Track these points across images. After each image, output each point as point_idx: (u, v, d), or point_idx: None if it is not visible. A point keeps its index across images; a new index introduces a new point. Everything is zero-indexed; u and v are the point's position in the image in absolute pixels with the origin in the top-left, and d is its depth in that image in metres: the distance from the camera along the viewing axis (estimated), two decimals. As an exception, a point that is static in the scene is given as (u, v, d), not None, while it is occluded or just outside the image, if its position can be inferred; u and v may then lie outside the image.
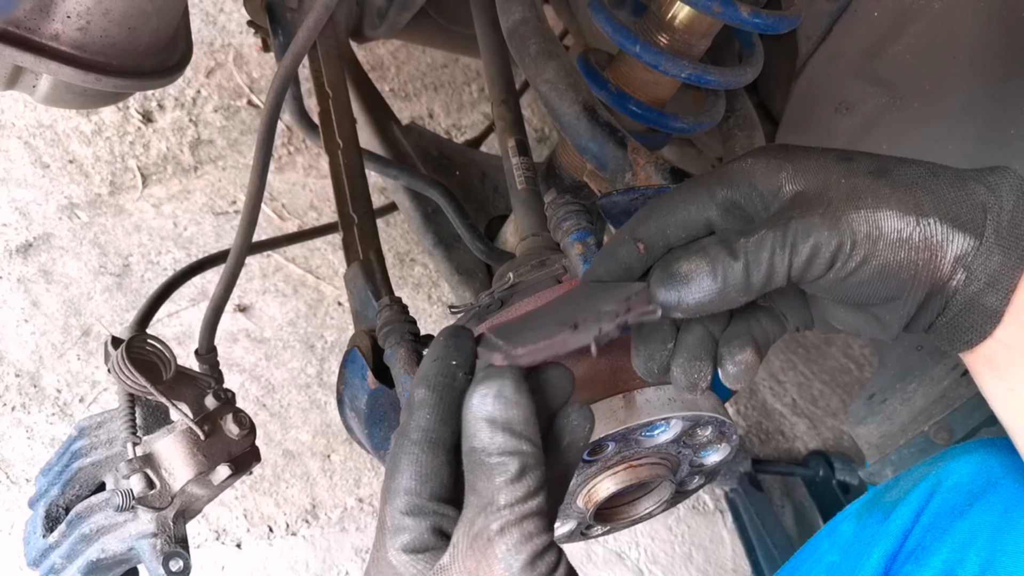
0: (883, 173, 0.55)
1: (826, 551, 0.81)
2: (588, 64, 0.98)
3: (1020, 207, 0.54)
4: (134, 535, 0.82)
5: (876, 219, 0.53)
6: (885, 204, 0.54)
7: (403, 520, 0.52)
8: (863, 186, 0.55)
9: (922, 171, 0.56)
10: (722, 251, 0.54)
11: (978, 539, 0.67)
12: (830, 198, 0.54)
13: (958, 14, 0.98)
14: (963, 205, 0.54)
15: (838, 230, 0.53)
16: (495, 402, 0.51)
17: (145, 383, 0.85)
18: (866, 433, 1.19)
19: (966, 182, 0.55)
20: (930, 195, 0.54)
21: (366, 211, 1.01)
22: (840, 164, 0.56)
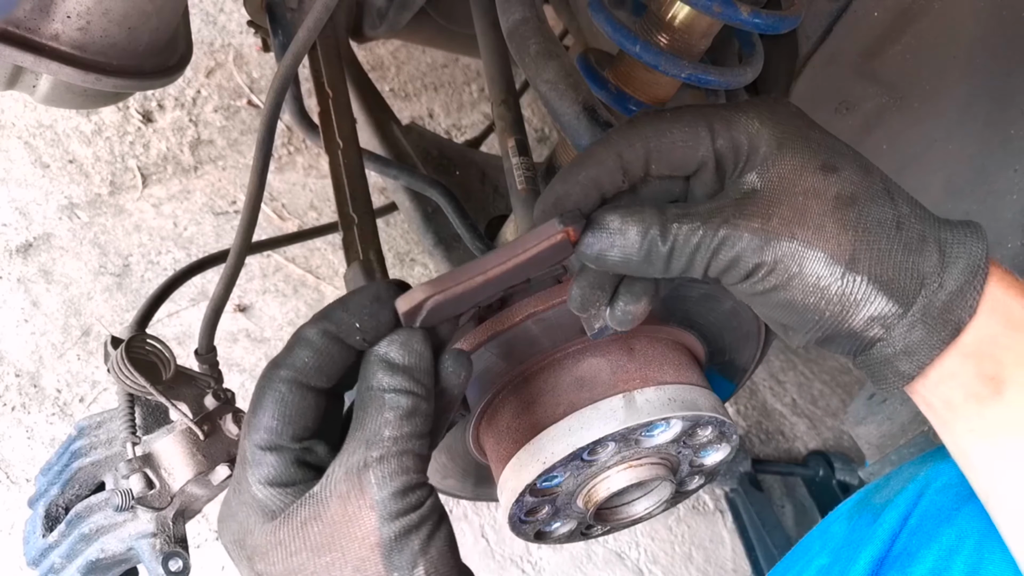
0: (848, 204, 0.53)
1: (817, 552, 0.81)
2: (588, 64, 0.98)
3: (964, 291, 0.52)
4: (133, 535, 0.82)
5: (802, 257, 0.53)
6: (821, 244, 0.53)
7: (263, 455, 0.53)
8: (814, 213, 0.53)
9: (889, 218, 0.54)
10: (656, 230, 0.54)
11: (965, 545, 0.66)
12: (774, 213, 0.53)
13: (958, 14, 0.98)
14: (904, 271, 0.53)
15: (761, 253, 0.53)
16: (400, 349, 0.54)
17: (145, 383, 0.85)
18: (866, 433, 1.19)
19: (924, 246, 0.53)
20: (875, 251, 0.53)
21: (366, 211, 1.00)
22: (816, 176, 0.54)
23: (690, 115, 0.57)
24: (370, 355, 0.55)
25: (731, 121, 0.56)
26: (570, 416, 0.78)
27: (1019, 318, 0.52)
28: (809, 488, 1.98)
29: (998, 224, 1.02)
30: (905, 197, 0.56)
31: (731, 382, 1.00)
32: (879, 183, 0.55)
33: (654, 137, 0.56)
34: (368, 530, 0.51)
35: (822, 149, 0.56)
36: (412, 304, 0.55)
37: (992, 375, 0.53)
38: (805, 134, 0.56)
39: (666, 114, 0.58)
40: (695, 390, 0.81)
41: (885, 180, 0.56)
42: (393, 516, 0.51)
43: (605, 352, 0.81)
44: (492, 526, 1.74)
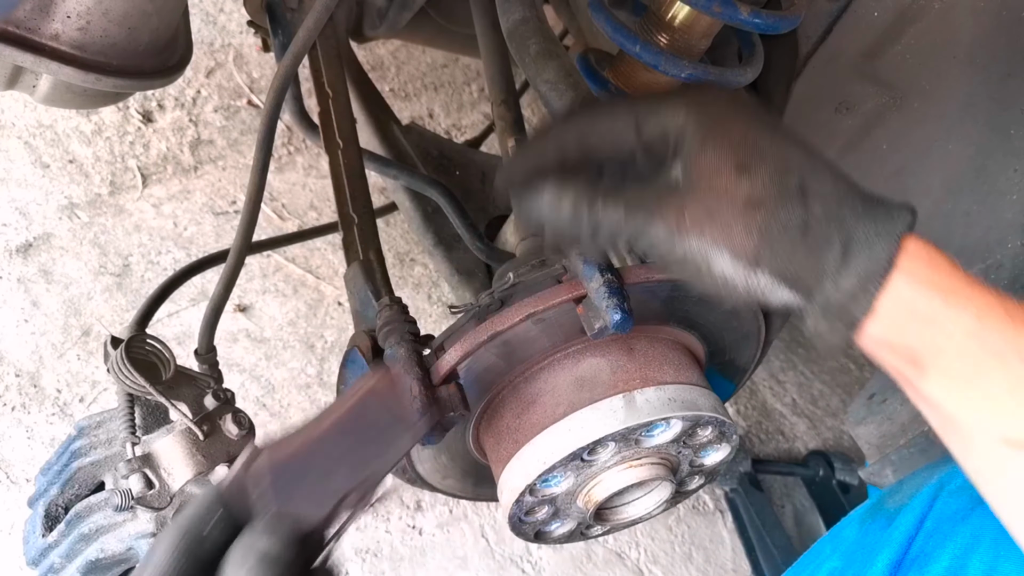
0: (755, 207, 0.56)
1: (828, 556, 0.81)
2: (588, 64, 0.98)
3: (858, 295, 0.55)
4: (133, 535, 0.82)
5: (708, 256, 0.56)
6: (727, 245, 0.56)
7: None
8: (722, 215, 0.56)
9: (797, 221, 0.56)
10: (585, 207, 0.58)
11: (981, 544, 0.66)
12: (687, 210, 0.57)
13: (958, 14, 0.98)
14: (805, 270, 0.56)
15: (672, 247, 0.57)
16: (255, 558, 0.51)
17: (144, 383, 0.85)
18: (866, 433, 1.19)
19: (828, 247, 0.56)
20: (778, 252, 0.56)
21: (366, 211, 1.00)
22: (729, 177, 0.57)
23: (620, 107, 0.61)
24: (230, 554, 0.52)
25: (657, 113, 0.60)
26: (570, 416, 0.78)
27: (927, 312, 0.55)
28: (809, 488, 1.98)
29: (998, 224, 1.02)
30: (823, 194, 0.57)
31: (731, 382, 1.00)
32: (794, 183, 0.57)
33: (587, 129, 0.61)
34: None
35: (741, 147, 0.58)
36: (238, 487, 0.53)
37: (910, 359, 0.57)
38: (727, 129, 0.58)
39: (600, 105, 0.62)
40: (695, 390, 0.81)
41: (804, 177, 0.57)
42: None
43: (605, 352, 0.81)
44: (492, 526, 1.74)
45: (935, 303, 0.55)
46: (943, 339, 0.55)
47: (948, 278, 0.56)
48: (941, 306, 0.55)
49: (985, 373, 0.54)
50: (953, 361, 0.55)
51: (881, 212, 0.57)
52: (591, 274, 0.73)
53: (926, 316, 0.55)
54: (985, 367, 0.54)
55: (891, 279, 0.55)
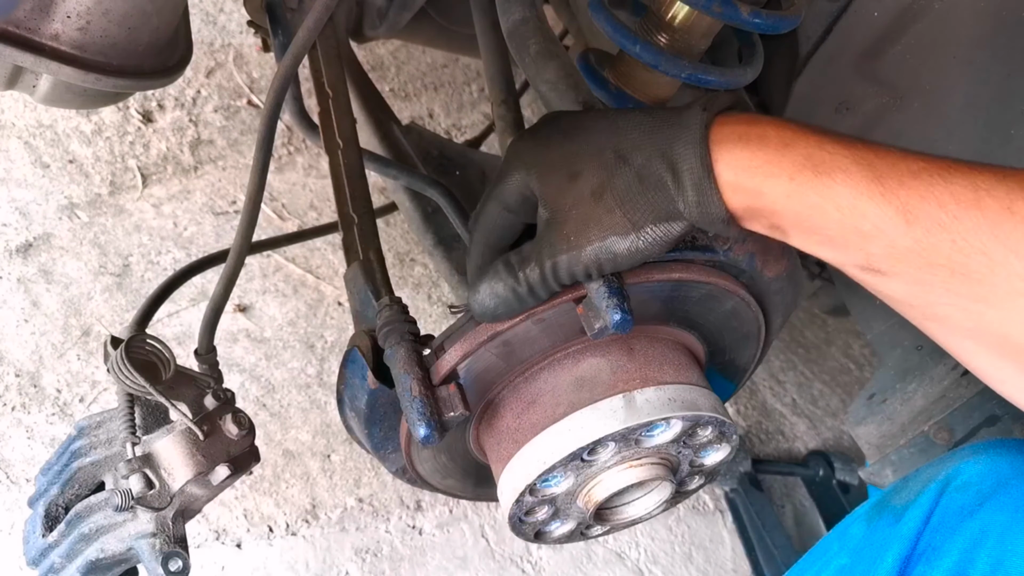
0: (601, 192, 0.68)
1: (836, 554, 0.81)
2: (588, 64, 0.98)
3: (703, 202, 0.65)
4: (133, 535, 0.82)
5: (605, 248, 0.68)
6: (610, 230, 0.67)
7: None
8: (587, 215, 0.68)
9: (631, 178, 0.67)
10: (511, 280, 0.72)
11: (988, 539, 0.67)
12: (569, 231, 0.69)
13: (958, 14, 0.98)
14: (663, 205, 0.67)
15: (581, 261, 0.69)
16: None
17: (144, 383, 0.85)
18: (866, 433, 1.19)
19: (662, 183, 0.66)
20: (639, 208, 0.67)
21: (366, 211, 1.00)
22: (570, 188, 0.69)
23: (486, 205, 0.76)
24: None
25: (508, 186, 0.74)
26: (570, 416, 0.78)
27: (753, 187, 0.64)
28: (809, 488, 1.98)
29: (998, 224, 1.02)
30: (635, 147, 0.68)
31: (731, 382, 1.00)
32: (611, 155, 0.68)
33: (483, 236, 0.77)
34: None
35: (563, 162, 0.71)
36: None
37: (773, 226, 0.66)
38: (546, 158, 0.72)
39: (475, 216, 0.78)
40: (695, 390, 0.81)
41: (616, 146, 0.69)
42: None
43: (605, 352, 0.81)
44: (492, 526, 1.74)
45: (756, 178, 0.64)
46: (775, 204, 0.64)
47: (762, 151, 0.64)
48: (762, 179, 0.64)
49: (816, 224, 0.63)
50: (792, 220, 0.64)
51: (683, 122, 0.66)
52: (591, 274, 0.73)
53: (755, 191, 0.64)
54: (813, 219, 0.63)
55: (719, 172, 0.65)
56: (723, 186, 0.65)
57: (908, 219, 0.59)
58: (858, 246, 0.62)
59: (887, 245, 0.60)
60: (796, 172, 0.62)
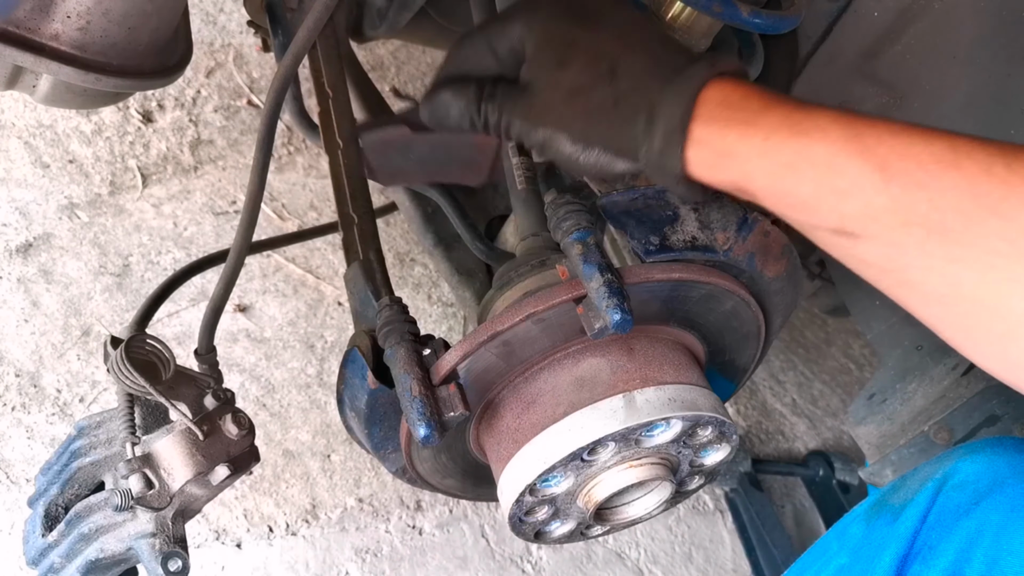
0: (576, 94, 0.69)
1: (835, 553, 0.81)
2: (588, 64, 0.98)
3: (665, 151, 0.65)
4: (133, 535, 0.82)
5: (554, 139, 0.70)
6: (564, 129, 0.69)
7: None
8: (555, 103, 0.70)
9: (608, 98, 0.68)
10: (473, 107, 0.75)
11: (984, 538, 0.67)
12: (535, 105, 0.71)
13: (958, 14, 0.98)
14: (624, 139, 0.67)
15: (531, 136, 0.72)
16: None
17: (144, 383, 0.85)
18: (866, 433, 1.19)
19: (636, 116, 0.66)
20: (599, 128, 0.68)
21: (366, 211, 1.00)
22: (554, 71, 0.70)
23: (477, 36, 0.77)
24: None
25: (504, 33, 0.74)
26: (570, 416, 0.78)
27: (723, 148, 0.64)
28: (809, 488, 1.98)
29: (998, 224, 1.02)
30: (632, 72, 0.68)
31: (731, 382, 1.00)
32: (605, 67, 0.69)
33: (458, 61, 0.78)
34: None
35: (560, 46, 0.71)
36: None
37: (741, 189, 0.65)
38: (553, 34, 0.72)
39: (463, 39, 0.78)
40: (695, 390, 0.81)
41: (614, 60, 0.69)
42: None
43: (605, 352, 0.81)
44: (492, 526, 1.74)
45: (730, 137, 0.63)
46: (746, 164, 0.63)
47: (742, 112, 0.64)
48: (736, 139, 0.63)
49: (789, 184, 0.62)
50: (763, 181, 0.63)
51: (687, 72, 0.66)
52: (591, 274, 0.73)
53: (725, 150, 0.64)
54: (787, 179, 0.62)
55: (692, 129, 0.64)
56: (691, 141, 0.65)
57: (885, 176, 0.58)
58: (832, 206, 0.60)
59: (863, 204, 0.59)
60: (771, 132, 0.62)
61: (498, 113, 0.73)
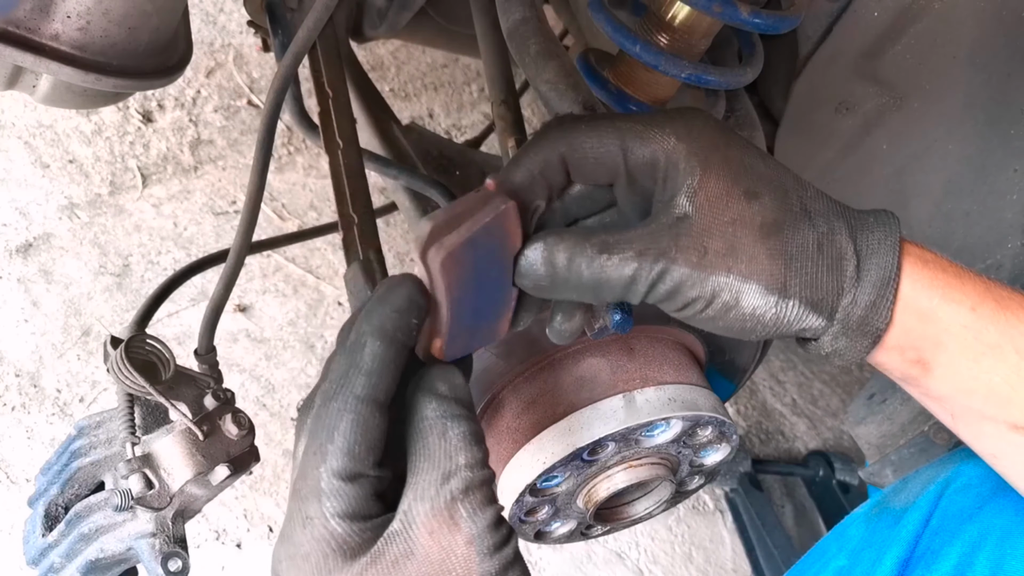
0: (774, 232, 0.55)
1: (834, 555, 0.81)
2: (588, 64, 0.98)
3: (877, 304, 0.56)
4: (133, 535, 0.82)
5: (739, 290, 0.55)
6: (755, 276, 0.54)
7: (342, 486, 0.48)
8: (744, 245, 0.55)
9: (811, 241, 0.56)
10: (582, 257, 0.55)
11: (987, 542, 0.66)
12: (708, 246, 0.54)
13: (958, 14, 0.98)
14: (827, 289, 0.56)
15: (699, 287, 0.55)
16: (444, 382, 0.53)
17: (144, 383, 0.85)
18: (866, 433, 1.19)
19: (842, 263, 0.56)
20: (803, 276, 0.55)
21: (366, 211, 1.00)
22: (741, 203, 0.55)
23: (604, 127, 0.57)
24: (413, 391, 0.53)
25: (645, 137, 0.56)
26: (570, 416, 0.78)
27: (927, 309, 0.56)
28: (809, 488, 1.98)
29: (998, 224, 1.02)
30: (822, 211, 0.57)
31: (731, 382, 1.00)
32: (797, 204, 0.57)
33: (568, 150, 0.57)
34: (468, 568, 0.49)
35: (743, 172, 0.57)
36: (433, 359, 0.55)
37: (916, 360, 0.57)
38: (725, 154, 0.57)
39: (581, 124, 0.58)
40: (695, 390, 0.81)
41: (802, 198, 0.57)
42: (491, 551, 0.49)
43: (605, 352, 0.81)
44: (492, 526, 1.74)
45: (934, 300, 0.56)
46: (944, 335, 0.56)
47: (942, 273, 0.56)
48: (940, 302, 0.55)
49: (984, 366, 0.55)
50: (955, 356, 0.56)
51: (872, 220, 0.57)
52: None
53: (928, 314, 0.56)
54: (984, 360, 0.55)
55: (900, 284, 0.56)
56: (898, 299, 0.56)
57: None
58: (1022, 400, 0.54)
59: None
60: (978, 302, 0.55)
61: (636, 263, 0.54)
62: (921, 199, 1.09)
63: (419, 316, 0.53)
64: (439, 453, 0.50)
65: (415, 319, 0.52)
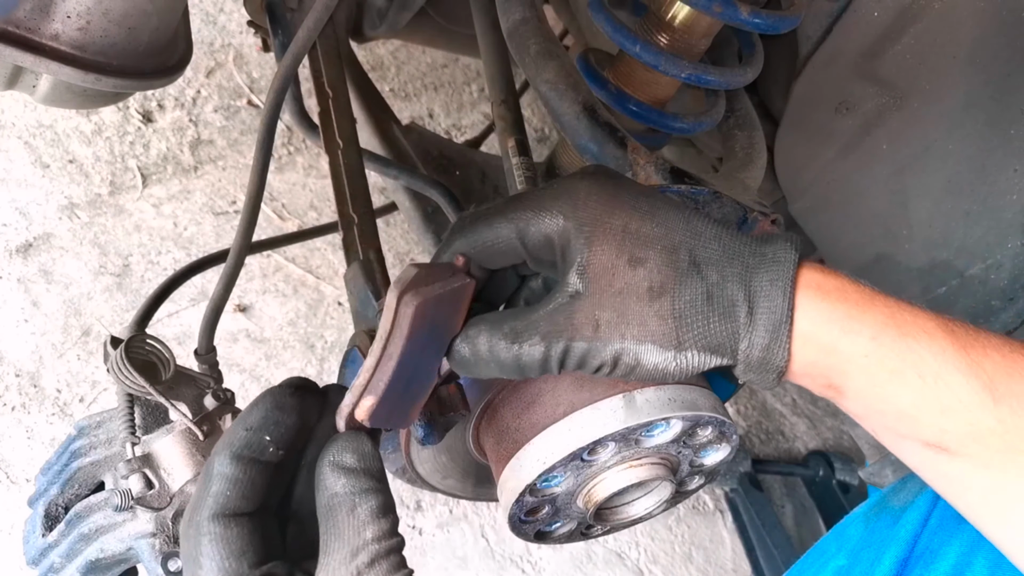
0: (660, 294, 0.58)
1: (833, 555, 0.81)
2: (588, 64, 0.98)
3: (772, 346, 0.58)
4: (133, 535, 0.82)
5: (636, 352, 0.58)
6: (649, 338, 0.58)
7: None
8: (633, 311, 0.58)
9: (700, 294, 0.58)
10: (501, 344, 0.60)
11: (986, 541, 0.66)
12: (600, 319, 0.58)
13: (958, 14, 0.98)
14: (723, 335, 0.58)
15: (600, 355, 0.58)
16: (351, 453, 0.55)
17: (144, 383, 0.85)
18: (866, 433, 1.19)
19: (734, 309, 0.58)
20: (694, 328, 0.58)
21: (366, 211, 1.00)
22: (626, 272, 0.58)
23: (497, 220, 0.62)
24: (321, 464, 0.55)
25: (535, 221, 0.60)
26: (570, 416, 0.78)
27: (827, 343, 0.58)
28: (809, 488, 1.98)
29: (998, 224, 1.02)
30: (713, 260, 0.59)
31: (731, 382, 1.00)
32: (685, 259, 0.59)
33: (471, 250, 0.63)
34: None
35: (627, 240, 0.59)
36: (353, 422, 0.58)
37: (827, 385, 0.60)
38: (606, 224, 0.60)
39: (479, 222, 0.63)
40: (695, 390, 0.81)
41: (692, 250, 0.59)
42: None
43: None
44: (492, 526, 1.74)
45: (833, 332, 0.57)
46: (847, 365, 0.57)
47: (843, 304, 0.58)
48: (839, 334, 0.57)
49: (889, 391, 0.57)
50: (860, 383, 0.58)
51: (769, 255, 0.59)
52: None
53: (828, 346, 0.58)
54: (888, 386, 0.57)
55: (795, 321, 0.58)
56: (796, 335, 0.58)
57: (994, 397, 0.54)
58: (931, 420, 0.56)
59: (967, 423, 0.55)
60: (879, 331, 0.56)
61: (544, 346, 0.58)
62: (921, 199, 1.09)
63: (274, 432, 0.55)
64: (348, 531, 0.52)
65: (267, 436, 0.55)
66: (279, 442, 0.55)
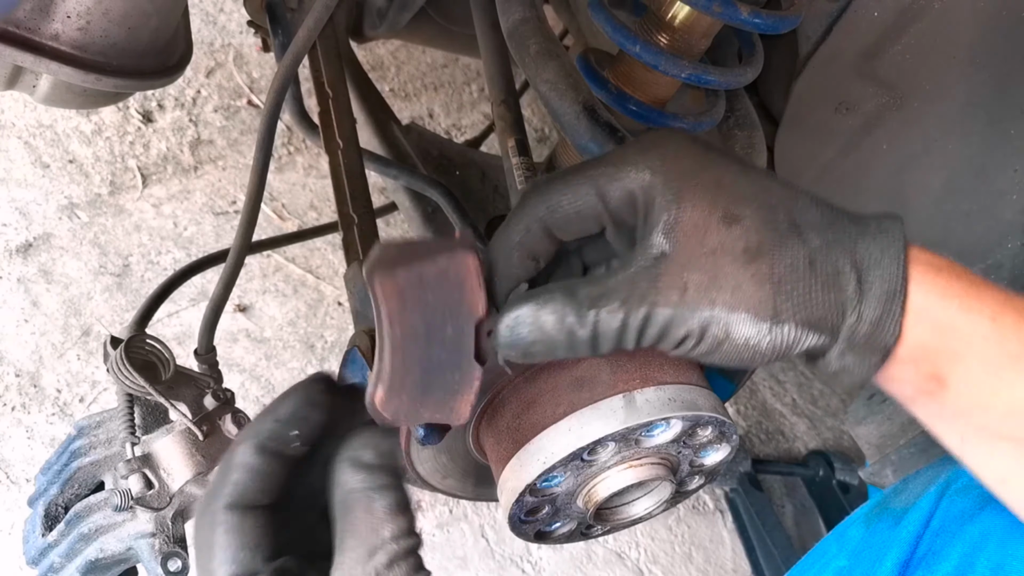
0: (758, 256, 0.52)
1: (834, 556, 0.81)
2: (588, 64, 0.98)
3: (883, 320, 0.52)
4: (133, 535, 0.82)
5: (727, 322, 0.52)
6: (742, 305, 0.51)
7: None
8: (727, 273, 0.52)
9: (801, 258, 0.52)
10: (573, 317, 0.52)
11: (988, 543, 0.66)
12: (689, 281, 0.52)
13: (958, 14, 0.98)
14: (826, 308, 0.52)
15: (686, 324, 0.52)
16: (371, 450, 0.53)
17: (144, 383, 0.86)
18: (866, 433, 1.19)
19: (839, 278, 0.52)
20: (795, 297, 0.52)
21: (366, 211, 1.00)
22: (720, 230, 0.52)
23: (576, 179, 0.55)
24: (341, 460, 0.54)
25: (619, 177, 0.54)
26: (570, 416, 0.78)
27: (944, 320, 0.52)
28: (809, 488, 1.98)
29: (998, 224, 1.02)
30: (814, 224, 0.54)
31: (731, 382, 1.00)
32: (784, 220, 0.53)
33: (547, 213, 0.56)
34: None
35: (721, 195, 0.53)
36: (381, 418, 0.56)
37: (931, 374, 0.54)
38: (698, 178, 0.54)
39: (555, 183, 0.56)
40: (695, 390, 0.81)
41: (791, 211, 0.54)
42: None
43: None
44: (492, 526, 1.74)
45: (951, 310, 0.52)
46: (963, 347, 0.52)
47: (957, 281, 0.53)
48: (957, 312, 0.52)
49: (1006, 379, 0.52)
50: (974, 369, 0.52)
51: (874, 227, 0.54)
52: (591, 274, 0.73)
53: (945, 325, 0.52)
54: (1006, 373, 0.52)
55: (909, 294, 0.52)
56: (909, 311, 0.52)
57: None
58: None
59: None
60: (998, 312, 0.51)
61: (624, 312, 0.52)
62: (921, 199, 1.09)
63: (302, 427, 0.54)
64: (364, 528, 0.51)
65: (295, 430, 0.53)
66: (305, 437, 0.54)
